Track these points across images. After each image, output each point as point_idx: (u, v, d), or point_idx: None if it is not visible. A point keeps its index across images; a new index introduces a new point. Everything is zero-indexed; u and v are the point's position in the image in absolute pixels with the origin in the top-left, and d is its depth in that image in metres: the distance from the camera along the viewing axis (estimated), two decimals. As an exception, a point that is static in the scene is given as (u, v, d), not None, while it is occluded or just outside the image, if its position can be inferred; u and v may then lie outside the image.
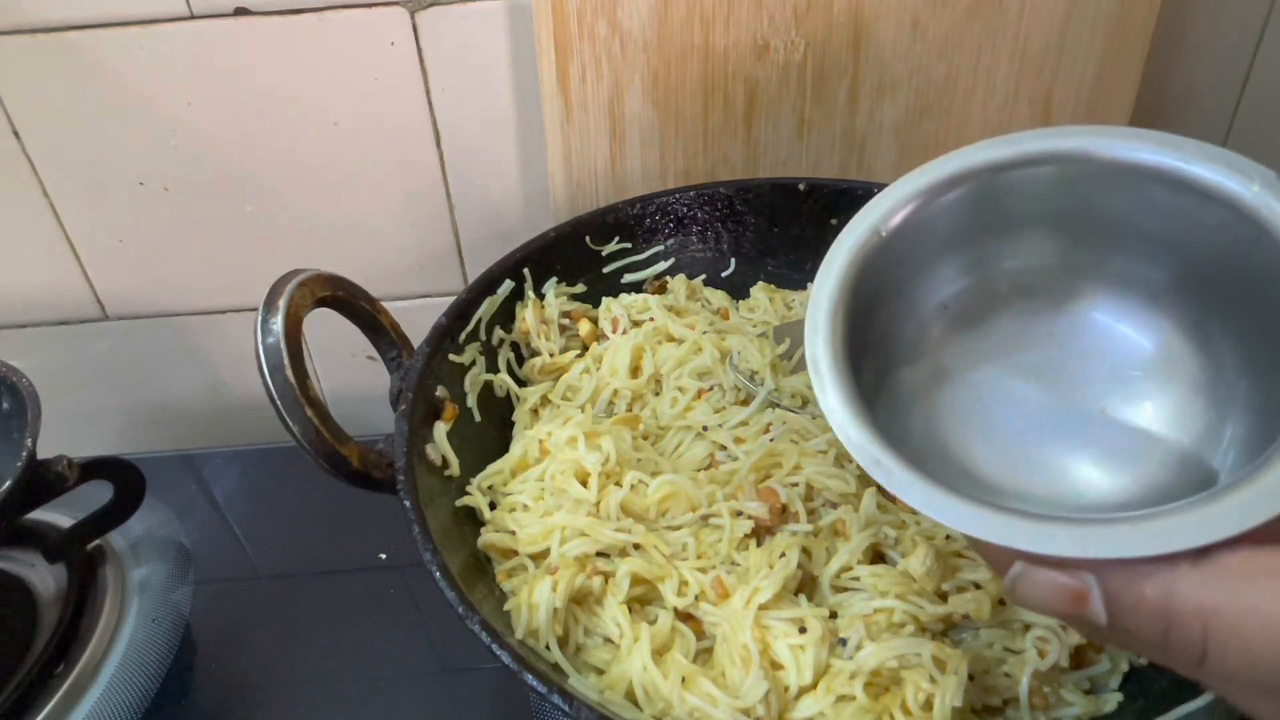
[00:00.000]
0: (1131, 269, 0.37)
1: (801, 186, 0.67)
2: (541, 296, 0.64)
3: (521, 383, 0.63)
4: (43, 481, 0.61)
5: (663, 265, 0.68)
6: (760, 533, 0.50)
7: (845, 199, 0.67)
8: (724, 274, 0.69)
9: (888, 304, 0.39)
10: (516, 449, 0.56)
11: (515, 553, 0.52)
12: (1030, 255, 0.39)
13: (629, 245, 0.67)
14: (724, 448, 0.55)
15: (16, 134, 0.71)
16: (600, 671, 0.47)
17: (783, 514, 0.50)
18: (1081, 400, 0.37)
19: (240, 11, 0.66)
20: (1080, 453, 0.36)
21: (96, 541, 0.70)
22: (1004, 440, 0.37)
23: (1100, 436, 0.36)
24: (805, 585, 0.48)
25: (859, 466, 0.52)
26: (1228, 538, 0.27)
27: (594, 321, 0.64)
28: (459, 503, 0.55)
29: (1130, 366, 0.37)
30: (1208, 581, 0.27)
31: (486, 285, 0.62)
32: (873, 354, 0.38)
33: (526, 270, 0.63)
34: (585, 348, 0.64)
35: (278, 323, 0.48)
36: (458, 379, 0.59)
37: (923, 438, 0.37)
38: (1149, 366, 0.37)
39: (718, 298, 0.67)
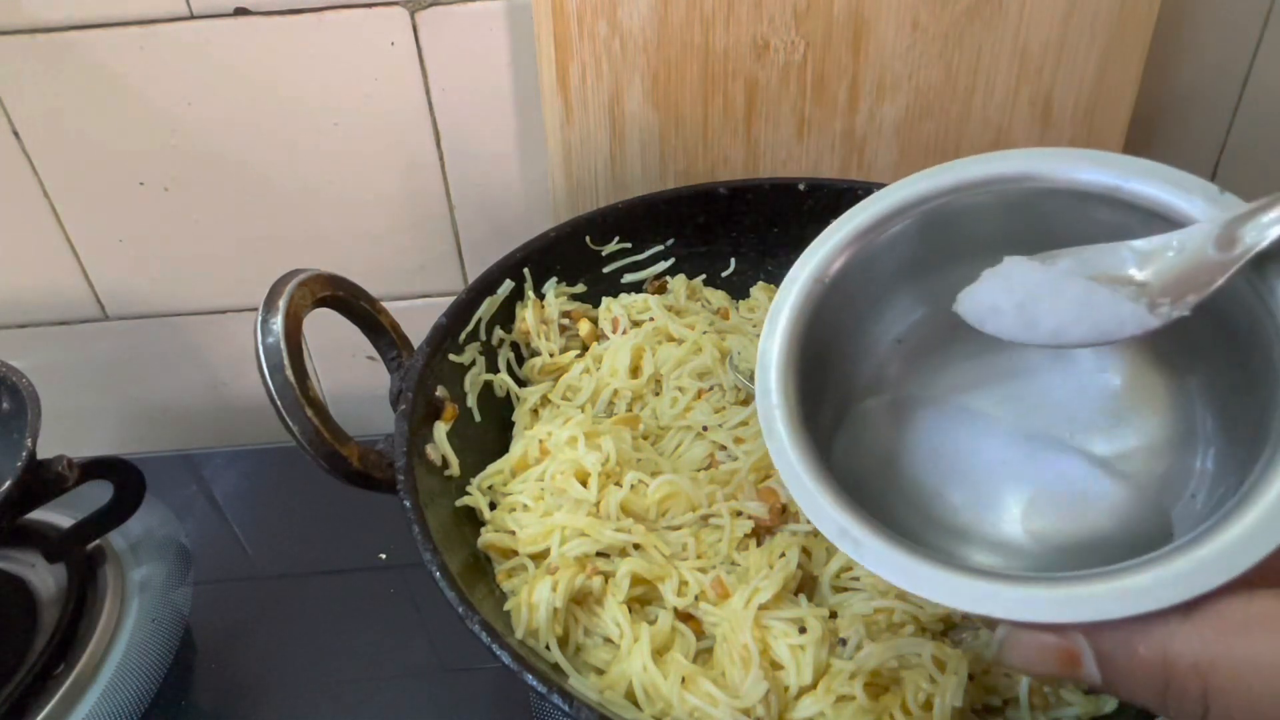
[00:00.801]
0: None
1: (801, 186, 0.67)
2: (541, 296, 0.64)
3: (521, 383, 0.63)
4: (43, 481, 0.61)
5: (663, 265, 0.68)
6: (760, 533, 0.50)
7: (845, 199, 0.67)
8: (724, 274, 0.69)
9: (841, 348, 0.38)
10: (516, 449, 0.56)
11: (515, 553, 0.52)
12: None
13: (629, 245, 0.67)
14: (724, 448, 0.55)
15: (16, 134, 0.71)
16: (600, 671, 0.47)
17: (783, 514, 0.50)
18: (1043, 434, 0.37)
19: (240, 11, 0.66)
20: (1038, 490, 0.35)
21: (96, 541, 0.70)
22: (963, 477, 0.36)
23: (1062, 472, 0.36)
24: (805, 585, 0.48)
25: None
26: (1218, 587, 0.26)
27: (594, 321, 0.64)
28: (459, 503, 0.55)
29: (1094, 398, 0.37)
30: (1203, 635, 0.26)
31: (486, 285, 0.61)
32: (830, 400, 0.37)
33: (526, 270, 0.63)
34: (585, 348, 0.64)
35: (278, 323, 0.48)
36: (458, 379, 0.59)
37: (879, 476, 0.36)
38: (1113, 398, 0.36)
39: (718, 298, 0.67)
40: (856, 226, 0.37)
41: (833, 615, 0.47)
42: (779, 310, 0.36)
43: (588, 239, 0.66)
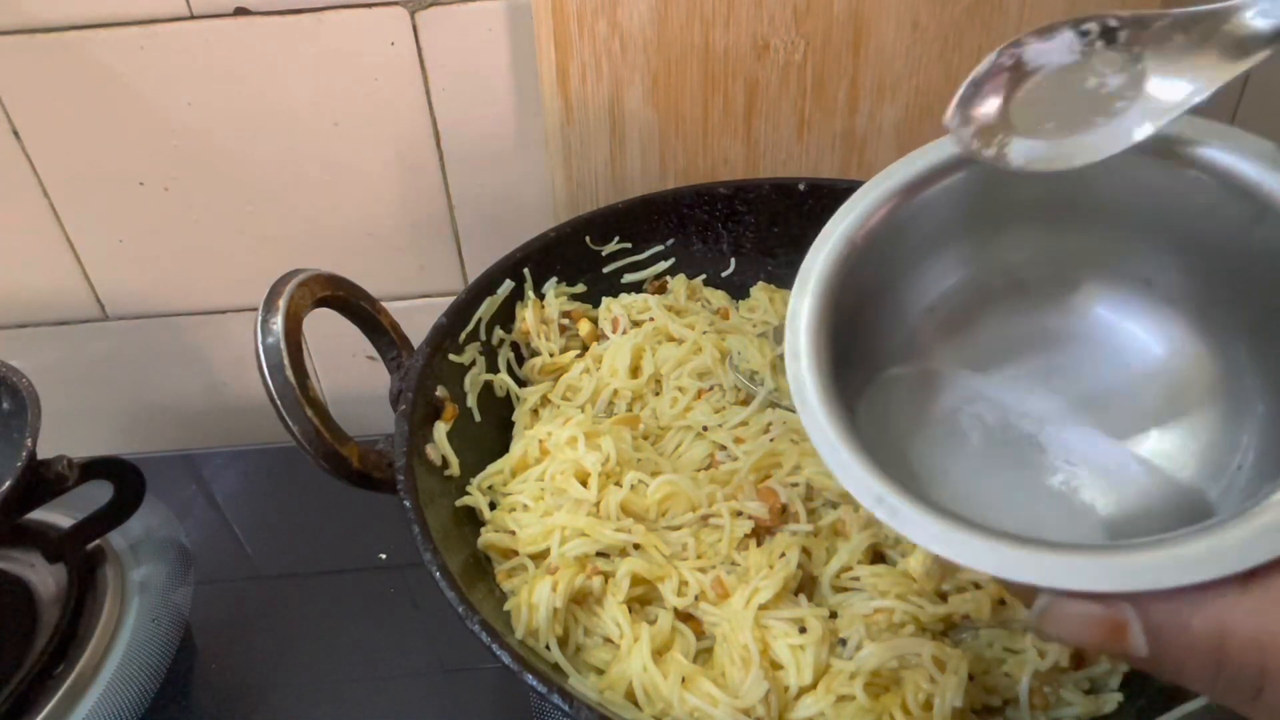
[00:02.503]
0: (1130, 261, 0.35)
1: (801, 186, 0.67)
2: (541, 296, 0.64)
3: (521, 383, 0.63)
4: (43, 481, 0.61)
5: (663, 265, 0.68)
6: (760, 533, 0.50)
7: (845, 199, 0.67)
8: (724, 274, 0.69)
9: (870, 313, 0.36)
10: (516, 449, 0.56)
11: (515, 553, 0.52)
12: (1022, 248, 0.36)
13: (629, 245, 0.67)
14: (724, 448, 0.55)
15: (16, 134, 0.71)
16: (600, 671, 0.47)
17: (783, 514, 0.50)
18: (1080, 407, 0.35)
19: (240, 11, 0.66)
20: (1073, 466, 0.34)
21: (96, 541, 0.70)
22: (992, 453, 0.35)
23: (1099, 446, 0.34)
24: (805, 585, 0.48)
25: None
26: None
27: (594, 321, 0.64)
28: (459, 503, 0.55)
29: (1133, 369, 0.35)
30: (1263, 609, 0.24)
31: (486, 285, 0.62)
32: (856, 364, 0.35)
33: (526, 270, 0.63)
34: (585, 348, 0.64)
35: (278, 323, 0.48)
36: (458, 379, 0.59)
37: (897, 447, 0.35)
38: (1154, 368, 0.35)
39: (718, 298, 0.67)
40: (892, 187, 0.35)
41: (833, 615, 0.47)
42: (809, 270, 0.35)
43: (588, 239, 0.66)
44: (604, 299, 0.66)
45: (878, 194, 0.36)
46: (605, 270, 0.67)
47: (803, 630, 0.45)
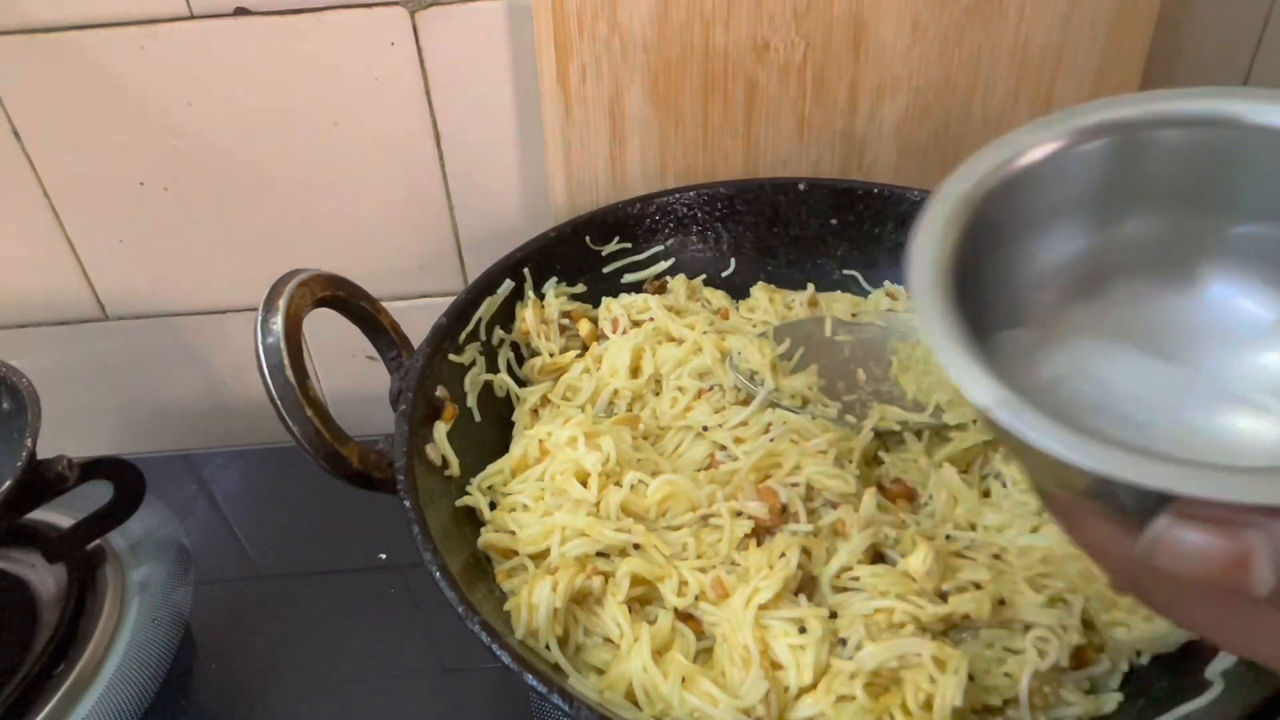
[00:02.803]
0: (1263, 240, 0.33)
1: (801, 186, 0.67)
2: (541, 296, 0.64)
3: (521, 383, 0.63)
4: (43, 481, 0.61)
5: (663, 265, 0.68)
6: (760, 533, 0.50)
7: (845, 199, 0.67)
8: (724, 274, 0.69)
9: (987, 269, 0.34)
10: (516, 449, 0.56)
11: (515, 553, 0.52)
12: (1148, 224, 0.35)
13: (629, 245, 0.67)
14: (724, 448, 0.55)
15: (16, 134, 0.71)
16: (600, 671, 0.47)
17: (783, 514, 0.50)
18: (1207, 389, 0.33)
19: (240, 11, 0.66)
20: (1218, 425, 0.31)
21: (96, 541, 0.70)
22: (1120, 415, 0.32)
23: (1226, 428, 0.32)
24: (805, 585, 0.48)
25: (858, 468, 0.53)
26: None
27: (594, 321, 0.64)
28: (459, 503, 0.55)
29: (1251, 350, 0.33)
30: None
31: (486, 285, 0.62)
32: (977, 308, 0.33)
33: (526, 270, 0.63)
34: (585, 348, 0.64)
35: (278, 323, 0.48)
36: (458, 379, 0.59)
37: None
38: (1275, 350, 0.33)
39: (718, 298, 0.67)
40: (1055, 132, 0.34)
41: (833, 615, 0.47)
42: (954, 185, 0.33)
43: (588, 239, 0.66)
44: (604, 299, 0.66)
45: (1044, 134, 0.34)
46: (605, 270, 0.67)
47: (803, 630, 0.45)
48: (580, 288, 0.66)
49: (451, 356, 0.59)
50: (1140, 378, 0.34)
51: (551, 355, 0.63)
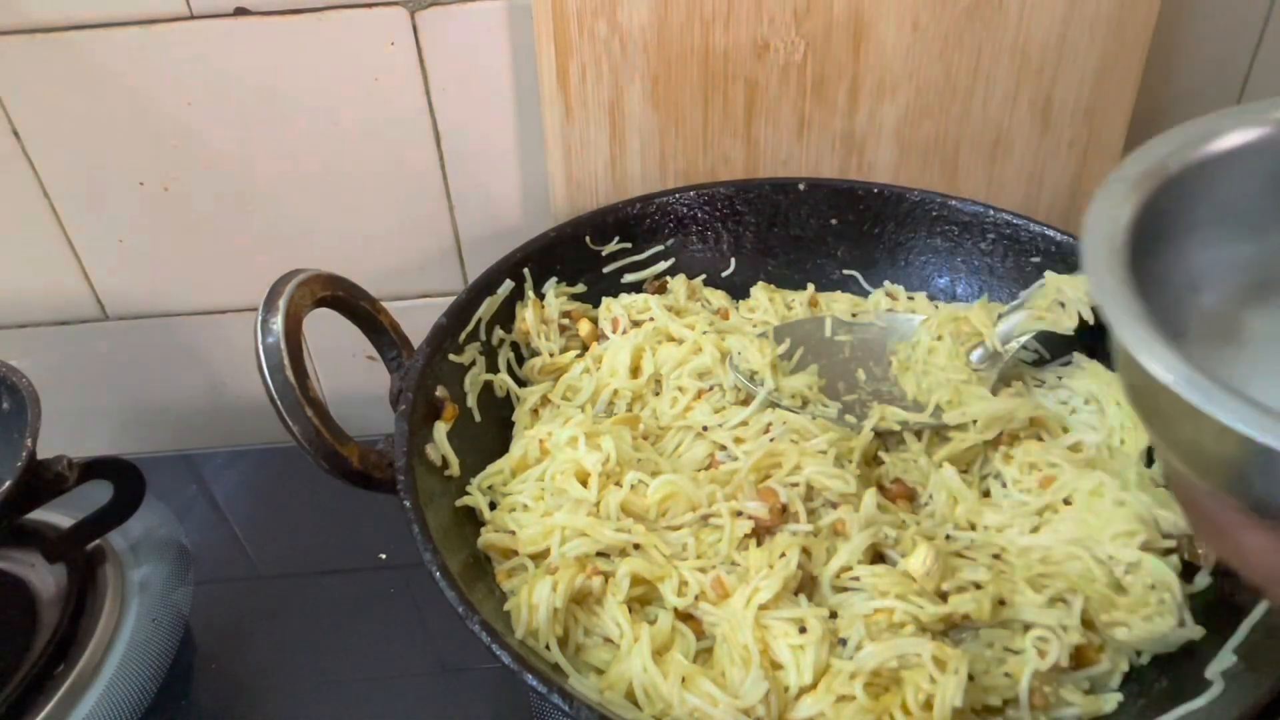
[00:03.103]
0: None
1: (801, 186, 0.67)
2: (541, 296, 0.64)
3: (521, 383, 0.63)
4: (43, 481, 0.61)
5: (663, 265, 0.68)
6: (760, 533, 0.50)
7: (845, 199, 0.67)
8: (724, 274, 0.69)
9: (1157, 257, 0.32)
10: (516, 449, 0.56)
11: (515, 553, 0.52)
12: None
13: (629, 245, 0.67)
14: (724, 448, 0.55)
15: (16, 134, 0.71)
16: (600, 671, 0.47)
17: (783, 514, 0.50)
18: None
19: (240, 11, 0.66)
20: None
21: (96, 541, 0.70)
22: None
23: None
24: (805, 585, 0.48)
25: (858, 468, 0.53)
26: None
27: (594, 321, 0.64)
28: (459, 503, 0.55)
29: None
30: None
31: (486, 285, 0.62)
32: (1151, 289, 0.31)
33: (526, 270, 0.63)
34: (585, 348, 0.64)
35: (278, 323, 0.48)
36: (458, 379, 0.59)
37: None
38: None
39: (718, 298, 0.67)
40: (1260, 117, 0.33)
41: (833, 615, 0.47)
42: (1118, 184, 0.32)
43: (588, 239, 0.66)
44: (604, 299, 0.66)
45: (1246, 117, 0.33)
46: (605, 270, 0.67)
47: (803, 630, 0.45)
48: (580, 288, 0.66)
49: (451, 356, 0.59)
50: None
51: (551, 355, 0.63)
